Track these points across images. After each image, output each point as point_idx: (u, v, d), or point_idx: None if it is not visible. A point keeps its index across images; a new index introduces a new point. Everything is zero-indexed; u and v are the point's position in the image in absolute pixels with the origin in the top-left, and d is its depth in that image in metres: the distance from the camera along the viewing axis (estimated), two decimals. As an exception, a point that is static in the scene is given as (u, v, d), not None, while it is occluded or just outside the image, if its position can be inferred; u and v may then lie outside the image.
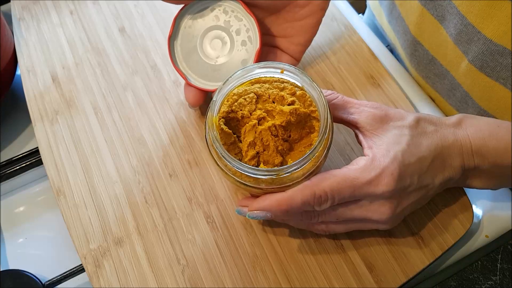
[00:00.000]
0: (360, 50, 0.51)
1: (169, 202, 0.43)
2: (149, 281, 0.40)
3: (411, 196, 0.36)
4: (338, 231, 0.38)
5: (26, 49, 0.53)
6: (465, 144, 0.36)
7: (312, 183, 0.34)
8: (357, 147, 0.45)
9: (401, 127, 0.36)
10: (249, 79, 0.37)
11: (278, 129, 0.35)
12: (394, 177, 0.33)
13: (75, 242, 0.42)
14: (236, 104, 0.36)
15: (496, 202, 0.44)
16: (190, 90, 0.44)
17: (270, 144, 0.35)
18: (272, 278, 0.39)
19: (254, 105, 0.36)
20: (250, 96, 0.36)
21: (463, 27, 0.41)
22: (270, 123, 0.35)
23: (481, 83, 0.42)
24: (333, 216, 0.36)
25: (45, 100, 0.50)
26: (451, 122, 0.37)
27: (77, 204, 0.43)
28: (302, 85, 0.37)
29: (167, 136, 0.47)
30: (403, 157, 0.34)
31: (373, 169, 0.34)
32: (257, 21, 0.43)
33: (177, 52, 0.44)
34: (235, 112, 0.36)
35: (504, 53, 0.38)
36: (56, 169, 0.45)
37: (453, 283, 0.42)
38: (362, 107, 0.37)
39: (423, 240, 0.40)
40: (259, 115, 0.35)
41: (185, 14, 0.43)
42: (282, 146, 0.35)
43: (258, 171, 0.33)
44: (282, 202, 0.34)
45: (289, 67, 0.37)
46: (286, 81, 0.37)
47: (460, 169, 0.36)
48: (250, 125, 0.35)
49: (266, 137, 0.35)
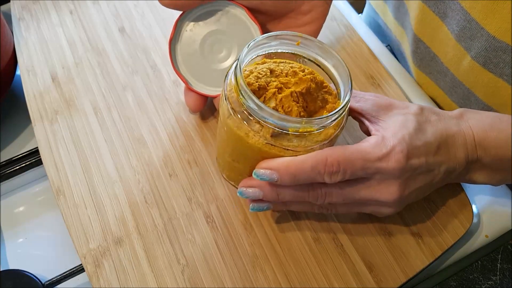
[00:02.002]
0: (360, 50, 0.51)
1: (169, 202, 0.43)
2: (148, 281, 0.40)
3: (418, 179, 0.35)
4: (340, 212, 0.38)
5: (26, 49, 0.53)
6: (469, 135, 0.36)
7: (325, 151, 0.33)
8: (357, 147, 0.45)
9: (406, 114, 0.36)
10: (263, 53, 0.37)
11: (298, 96, 0.34)
12: (404, 155, 0.33)
13: (75, 242, 0.42)
14: (251, 76, 0.35)
15: (496, 202, 0.44)
16: (190, 95, 0.44)
17: (293, 109, 0.34)
18: (272, 278, 0.39)
19: (269, 78, 0.35)
20: (264, 70, 0.35)
21: (466, 23, 0.41)
22: (292, 89, 0.34)
23: (484, 79, 0.42)
24: (340, 196, 0.35)
25: (45, 100, 0.50)
26: (453, 114, 0.38)
27: (77, 204, 0.43)
28: (315, 57, 0.37)
29: (167, 136, 0.47)
30: (410, 140, 0.34)
31: (384, 146, 0.34)
32: (261, 28, 0.42)
33: (178, 56, 0.43)
34: (251, 84, 0.35)
35: (507, 49, 0.38)
36: (56, 169, 0.45)
37: (453, 283, 0.42)
38: (367, 96, 0.38)
39: (423, 240, 0.40)
40: (276, 85, 0.35)
41: (186, 18, 0.42)
42: (304, 112, 0.35)
43: (291, 121, 0.32)
44: (291, 164, 0.33)
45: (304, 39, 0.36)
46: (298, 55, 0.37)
47: (464, 160, 0.36)
48: (270, 93, 0.34)
49: (288, 103, 0.34)
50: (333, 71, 0.36)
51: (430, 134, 0.35)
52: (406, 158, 0.33)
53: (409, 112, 0.36)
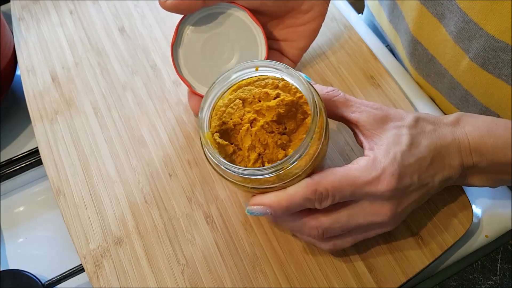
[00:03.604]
0: (360, 50, 0.51)
1: (169, 202, 0.43)
2: (148, 281, 0.40)
3: (412, 195, 0.36)
4: (346, 246, 0.38)
5: (26, 49, 0.53)
6: (463, 143, 0.36)
7: (313, 180, 0.34)
8: (357, 147, 0.45)
9: (400, 127, 0.36)
10: (228, 87, 0.36)
11: (271, 125, 0.35)
12: (395, 178, 0.34)
13: (75, 242, 0.42)
14: (225, 114, 0.35)
15: (496, 202, 0.44)
16: (194, 99, 0.44)
17: (269, 141, 0.34)
18: (272, 278, 0.39)
19: (242, 110, 0.35)
20: (236, 103, 0.35)
21: (464, 24, 0.41)
22: (262, 122, 0.35)
23: (482, 80, 0.42)
24: (339, 229, 0.36)
25: (44, 100, 0.50)
26: (449, 121, 0.38)
27: (76, 204, 0.43)
28: (281, 76, 0.36)
29: (167, 136, 0.47)
30: (402, 158, 0.34)
31: (373, 169, 0.34)
32: (263, 29, 0.42)
33: (181, 59, 0.43)
34: (226, 122, 0.35)
35: (506, 49, 0.38)
36: (56, 169, 0.45)
37: (453, 283, 0.42)
38: (363, 107, 0.37)
39: (422, 240, 0.40)
40: (249, 118, 0.35)
41: (188, 21, 0.42)
42: (281, 139, 0.35)
43: (264, 170, 0.33)
44: (283, 198, 0.34)
45: (262, 63, 0.36)
46: (266, 77, 0.36)
47: (459, 167, 0.36)
48: (244, 130, 0.35)
49: (263, 137, 0.34)
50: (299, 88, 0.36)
51: (423, 148, 0.35)
52: (397, 179, 0.34)
53: (404, 125, 0.36)
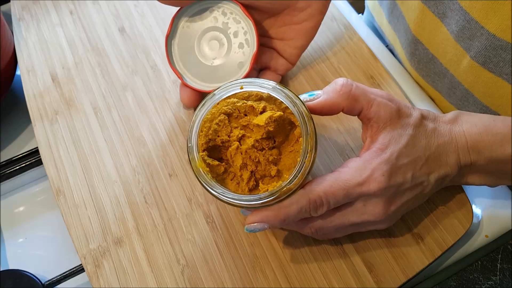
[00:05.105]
0: (360, 50, 0.51)
1: (169, 202, 0.43)
2: (148, 281, 0.40)
3: (405, 194, 0.36)
4: (338, 236, 0.39)
5: (26, 49, 0.53)
6: (461, 141, 0.36)
7: (306, 190, 0.34)
8: (356, 147, 0.45)
9: (406, 126, 0.36)
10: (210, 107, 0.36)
11: (261, 142, 0.35)
12: (385, 176, 0.34)
13: (75, 242, 0.42)
14: (211, 132, 0.35)
15: (496, 202, 0.44)
16: (185, 91, 0.44)
17: (260, 159, 0.35)
18: (272, 278, 0.39)
19: (229, 127, 0.35)
20: (221, 119, 0.35)
21: (466, 23, 0.41)
22: (252, 140, 0.34)
23: (483, 79, 0.42)
24: (332, 228, 0.36)
25: (44, 100, 0.50)
26: (447, 119, 0.38)
27: (76, 204, 0.44)
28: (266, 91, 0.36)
29: (167, 136, 0.47)
30: (397, 158, 0.34)
31: (364, 170, 0.34)
32: (255, 24, 0.43)
33: (174, 51, 0.44)
34: (214, 140, 0.35)
35: (507, 48, 0.38)
36: (56, 169, 0.45)
37: (453, 283, 0.42)
38: (378, 99, 0.36)
39: (422, 240, 0.40)
40: (237, 135, 0.35)
41: (183, 14, 0.43)
42: (272, 155, 0.35)
43: (262, 199, 0.33)
44: (279, 212, 0.34)
45: (245, 81, 0.36)
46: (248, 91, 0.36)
47: (455, 165, 0.36)
48: (233, 149, 0.35)
49: (254, 154, 0.35)
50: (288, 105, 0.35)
51: (421, 148, 0.35)
52: (388, 177, 0.34)
53: (410, 124, 0.36)
